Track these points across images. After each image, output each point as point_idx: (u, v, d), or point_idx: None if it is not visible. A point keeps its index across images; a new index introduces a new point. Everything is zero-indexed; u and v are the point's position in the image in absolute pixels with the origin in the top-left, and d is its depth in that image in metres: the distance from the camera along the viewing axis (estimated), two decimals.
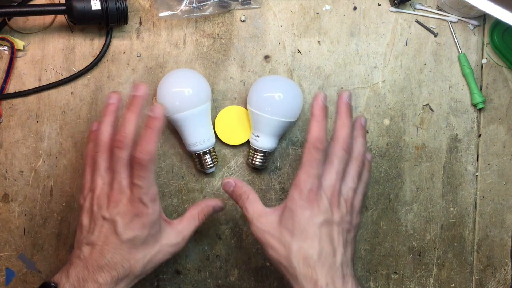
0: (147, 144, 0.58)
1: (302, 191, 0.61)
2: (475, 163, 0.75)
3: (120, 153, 0.59)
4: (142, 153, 0.58)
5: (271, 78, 0.72)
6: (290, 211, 0.61)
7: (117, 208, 0.59)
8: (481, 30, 0.75)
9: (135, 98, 0.60)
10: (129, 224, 0.59)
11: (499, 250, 0.76)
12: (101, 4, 0.67)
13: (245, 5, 0.73)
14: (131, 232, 0.59)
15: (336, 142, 0.63)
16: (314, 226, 0.60)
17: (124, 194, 0.60)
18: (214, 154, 0.72)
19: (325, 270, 0.59)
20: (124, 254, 0.59)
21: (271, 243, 0.61)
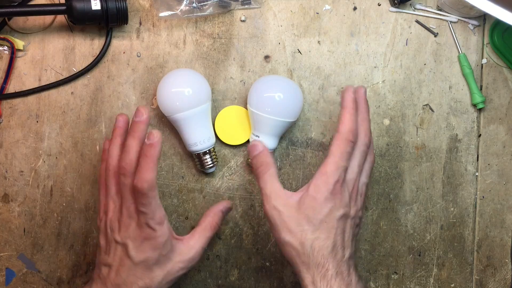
0: (145, 172, 0.58)
1: (329, 181, 0.60)
2: (475, 163, 0.75)
3: (125, 180, 0.60)
4: (140, 182, 0.58)
5: (271, 78, 0.72)
6: (313, 200, 0.60)
7: (127, 232, 0.61)
8: (481, 30, 0.75)
9: (136, 124, 0.61)
10: (139, 247, 0.60)
11: (499, 250, 0.76)
12: (101, 4, 0.67)
13: (245, 5, 0.73)
14: (142, 255, 0.60)
15: (359, 136, 0.63)
16: (334, 219, 0.60)
17: (133, 219, 0.61)
18: (214, 154, 0.72)
19: (336, 261, 0.60)
20: (138, 274, 0.61)
21: (287, 226, 0.60)
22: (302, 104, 0.71)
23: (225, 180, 0.74)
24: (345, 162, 0.61)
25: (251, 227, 0.75)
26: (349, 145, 0.61)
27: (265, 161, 0.63)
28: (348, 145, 0.61)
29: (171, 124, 0.71)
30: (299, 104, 0.70)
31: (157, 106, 0.72)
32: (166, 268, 0.62)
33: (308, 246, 0.60)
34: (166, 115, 0.70)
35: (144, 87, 0.73)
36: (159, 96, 0.69)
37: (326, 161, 0.61)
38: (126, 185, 0.60)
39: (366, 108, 0.65)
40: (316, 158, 0.74)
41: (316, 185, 0.61)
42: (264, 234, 0.75)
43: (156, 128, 0.73)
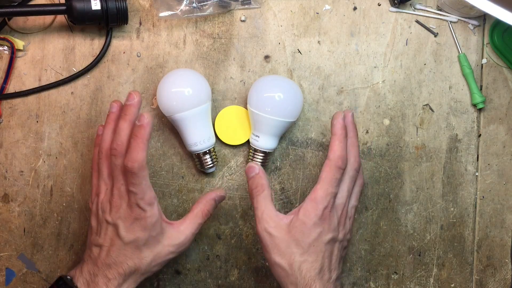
0: (135, 153, 0.60)
1: (318, 207, 0.63)
2: (475, 163, 0.75)
3: (116, 161, 0.62)
4: (131, 161, 0.60)
5: (271, 78, 0.72)
6: (303, 224, 0.63)
7: (118, 213, 0.62)
8: (481, 30, 0.75)
9: (128, 107, 0.62)
10: (129, 227, 0.62)
11: (499, 250, 0.76)
12: (101, 4, 0.67)
13: (245, 5, 0.73)
14: (132, 235, 0.62)
15: (348, 161, 0.65)
16: (322, 243, 0.63)
17: (123, 199, 0.62)
18: (214, 154, 0.72)
19: (322, 283, 0.62)
20: (128, 254, 0.62)
21: (277, 248, 0.63)
22: (302, 104, 0.71)
23: (225, 180, 0.74)
24: (334, 189, 0.63)
25: (251, 227, 0.75)
26: (339, 172, 0.63)
27: (260, 183, 0.65)
28: (338, 171, 0.63)
29: (171, 124, 0.71)
30: (299, 104, 0.70)
31: (157, 106, 0.72)
32: (155, 250, 0.63)
33: (296, 268, 0.62)
34: (166, 115, 0.70)
35: (144, 87, 0.73)
36: (159, 96, 0.69)
37: (316, 187, 0.63)
38: (117, 166, 0.62)
39: (355, 133, 0.67)
40: (316, 158, 0.74)
41: (306, 210, 0.63)
42: None
43: (156, 128, 0.73)
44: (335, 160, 0.63)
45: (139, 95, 0.62)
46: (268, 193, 0.65)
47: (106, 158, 0.64)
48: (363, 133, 0.74)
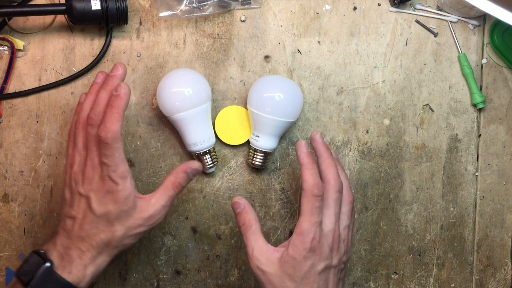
0: (110, 123, 0.59)
1: (306, 240, 0.62)
2: (475, 163, 0.75)
3: (91, 131, 0.61)
4: (104, 131, 0.59)
5: (271, 78, 0.72)
6: (292, 259, 0.62)
7: (91, 185, 0.61)
8: (481, 30, 0.75)
9: (110, 78, 0.62)
10: (101, 200, 0.61)
11: (499, 250, 0.76)
12: (101, 4, 0.67)
13: (245, 5, 0.73)
14: (104, 208, 0.61)
15: (329, 184, 0.64)
16: (315, 274, 0.62)
17: (96, 171, 0.61)
18: (214, 154, 0.72)
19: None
20: (100, 227, 0.62)
21: (271, 285, 0.63)
22: (302, 104, 0.71)
23: (225, 180, 0.74)
24: (317, 217, 0.62)
25: None
26: (317, 200, 0.62)
27: (247, 219, 0.65)
28: (316, 200, 0.62)
29: (171, 124, 0.71)
30: (299, 104, 0.70)
31: (157, 106, 0.72)
32: (126, 224, 0.62)
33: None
34: (166, 115, 0.70)
35: (144, 87, 0.73)
36: (159, 96, 0.69)
37: (300, 220, 0.62)
38: (92, 135, 0.61)
39: (328, 153, 0.65)
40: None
41: (294, 245, 0.62)
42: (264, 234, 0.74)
43: (156, 128, 0.73)
44: (310, 190, 0.62)
45: (124, 68, 0.62)
46: (256, 227, 0.65)
47: (82, 128, 0.63)
48: (363, 133, 0.74)
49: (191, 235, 0.74)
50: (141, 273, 0.74)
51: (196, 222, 0.74)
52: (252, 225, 0.65)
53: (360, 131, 0.74)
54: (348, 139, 0.74)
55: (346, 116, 0.74)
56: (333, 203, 0.64)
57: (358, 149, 0.74)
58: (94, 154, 0.61)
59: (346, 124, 0.74)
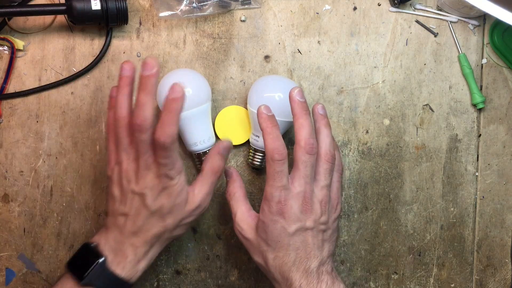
0: (168, 128, 0.58)
1: (271, 204, 0.62)
2: (475, 163, 0.75)
3: (141, 136, 0.59)
4: (164, 137, 0.58)
5: (271, 78, 0.72)
6: (263, 224, 0.63)
7: (145, 183, 0.61)
8: (481, 30, 0.75)
9: (147, 78, 0.58)
10: (157, 197, 0.61)
11: (499, 250, 0.76)
12: (101, 4, 0.67)
13: (245, 5, 0.73)
14: (158, 204, 0.62)
15: (298, 146, 0.63)
16: (287, 236, 0.63)
17: (150, 170, 0.61)
18: None
19: (299, 273, 0.62)
20: (153, 222, 0.62)
21: (251, 250, 0.65)
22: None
23: (225, 180, 0.74)
24: (279, 181, 0.62)
25: None
26: (278, 164, 0.62)
27: (231, 186, 0.67)
28: (276, 164, 0.62)
29: None
30: None
31: (157, 106, 0.72)
32: (178, 216, 0.63)
33: (271, 265, 0.63)
34: None
35: None
36: (159, 96, 0.69)
37: (265, 186, 0.63)
38: (143, 140, 0.59)
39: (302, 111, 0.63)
40: None
41: (262, 209, 0.64)
42: None
43: None
44: (270, 155, 0.62)
45: (157, 64, 0.58)
46: (240, 194, 0.66)
47: (125, 128, 0.61)
48: (363, 133, 0.74)
49: (191, 235, 0.74)
50: None
51: (196, 222, 0.74)
52: (236, 192, 0.67)
53: (360, 131, 0.74)
54: (348, 139, 0.74)
55: (346, 116, 0.74)
56: (302, 165, 0.63)
57: (358, 149, 0.74)
58: (148, 155, 0.60)
59: (346, 124, 0.74)
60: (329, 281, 0.62)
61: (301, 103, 0.64)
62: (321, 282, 0.62)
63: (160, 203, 0.61)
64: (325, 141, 0.65)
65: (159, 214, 0.62)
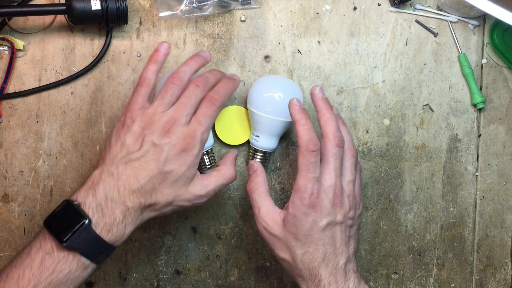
0: (224, 91, 0.63)
1: (303, 196, 0.61)
2: (475, 163, 0.75)
3: (197, 91, 0.62)
4: (218, 95, 0.62)
5: (271, 78, 0.72)
6: (293, 217, 0.62)
7: (169, 138, 0.60)
8: (481, 30, 0.75)
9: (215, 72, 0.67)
10: (174, 157, 0.60)
11: (499, 250, 0.76)
12: (101, 4, 0.67)
13: (245, 5, 0.73)
14: (171, 165, 0.60)
15: (327, 139, 0.63)
16: (318, 231, 0.61)
17: (181, 128, 0.61)
18: (212, 155, 0.72)
19: (328, 270, 0.61)
20: (155, 184, 0.60)
21: (277, 246, 0.63)
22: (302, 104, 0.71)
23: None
24: (314, 173, 0.62)
25: (251, 227, 0.75)
26: (312, 155, 0.61)
27: (255, 181, 0.66)
28: (311, 155, 0.61)
29: None
30: None
31: None
32: (178, 192, 0.61)
33: (299, 261, 0.62)
34: None
35: None
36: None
37: (297, 177, 0.62)
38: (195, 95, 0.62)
39: (327, 107, 0.64)
40: None
41: (293, 202, 0.62)
42: None
43: None
44: (305, 145, 0.61)
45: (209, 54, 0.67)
46: (264, 189, 0.65)
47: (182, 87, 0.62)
48: (363, 133, 0.74)
49: (191, 235, 0.74)
50: (141, 273, 0.74)
51: (196, 222, 0.74)
52: (259, 187, 0.66)
53: (360, 131, 0.74)
54: None
55: (346, 116, 0.74)
56: (332, 158, 0.63)
57: (358, 149, 0.74)
58: (187, 112, 0.61)
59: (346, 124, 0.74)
60: (356, 281, 0.62)
61: (324, 99, 0.65)
62: (348, 281, 0.61)
63: (172, 166, 0.60)
64: (347, 137, 0.65)
65: (165, 178, 0.60)
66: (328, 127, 0.63)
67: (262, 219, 0.64)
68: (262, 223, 0.64)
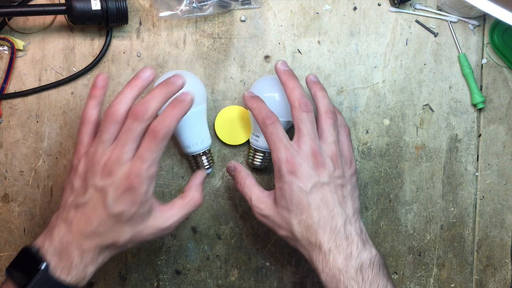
0: (169, 120, 0.57)
1: (280, 166, 0.62)
2: (475, 163, 0.75)
3: (135, 125, 0.57)
4: (161, 125, 0.57)
5: (271, 78, 0.72)
6: (280, 190, 0.62)
7: (112, 179, 0.57)
8: (481, 30, 0.75)
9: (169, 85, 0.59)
10: (119, 198, 0.57)
11: (499, 250, 0.76)
12: (101, 4, 0.67)
13: (245, 5, 0.73)
14: (119, 207, 0.57)
15: (293, 107, 0.63)
16: (305, 195, 0.61)
17: (122, 167, 0.57)
18: (210, 155, 0.72)
19: (326, 235, 0.60)
20: (108, 226, 0.58)
21: (275, 225, 0.64)
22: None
23: (225, 180, 0.74)
24: (281, 142, 0.62)
25: (251, 227, 0.75)
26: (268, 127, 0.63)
27: (239, 177, 0.67)
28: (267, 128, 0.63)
29: None
30: None
31: None
32: (137, 228, 0.59)
33: (297, 232, 0.62)
34: None
35: None
36: None
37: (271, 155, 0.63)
38: (134, 130, 0.57)
39: (289, 77, 0.65)
40: None
41: (275, 177, 0.63)
42: (264, 234, 0.75)
43: None
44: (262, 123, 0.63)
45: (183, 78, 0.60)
46: (250, 181, 0.66)
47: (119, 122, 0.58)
48: (363, 133, 0.74)
49: (191, 235, 0.74)
50: (141, 273, 0.74)
51: (196, 222, 0.74)
52: (245, 180, 0.66)
53: (360, 131, 0.74)
54: None
55: (346, 116, 0.74)
56: (301, 124, 0.63)
57: (358, 149, 0.75)
58: (128, 149, 0.57)
59: None
60: (360, 244, 0.60)
61: (286, 71, 0.65)
62: (351, 245, 0.60)
63: (122, 207, 0.57)
64: (322, 102, 0.65)
65: (117, 219, 0.58)
66: (292, 95, 0.64)
67: (255, 205, 0.65)
68: (256, 209, 0.65)
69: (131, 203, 0.57)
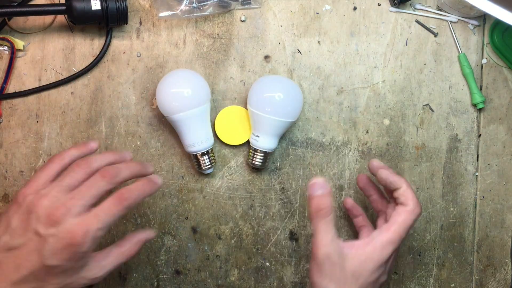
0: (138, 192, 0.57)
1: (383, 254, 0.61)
2: (475, 163, 0.75)
3: (102, 183, 0.56)
4: (130, 194, 0.56)
5: (271, 78, 0.72)
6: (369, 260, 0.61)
7: (56, 229, 0.54)
8: (481, 30, 0.75)
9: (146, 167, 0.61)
10: (58, 251, 0.54)
11: (499, 250, 0.76)
12: (101, 4, 0.67)
13: (245, 5, 0.73)
14: (55, 261, 0.54)
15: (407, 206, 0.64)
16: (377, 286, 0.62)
17: (71, 220, 0.54)
18: (212, 155, 0.72)
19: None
20: (39, 276, 0.54)
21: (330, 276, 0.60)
22: (302, 104, 0.71)
23: (225, 180, 0.74)
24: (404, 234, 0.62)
25: (251, 227, 0.75)
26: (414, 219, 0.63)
27: (326, 205, 0.60)
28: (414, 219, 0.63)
29: (171, 124, 0.71)
30: (299, 104, 0.70)
31: (157, 106, 0.72)
32: (67, 280, 0.56)
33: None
34: (165, 115, 0.70)
35: (144, 87, 0.73)
36: (159, 96, 0.69)
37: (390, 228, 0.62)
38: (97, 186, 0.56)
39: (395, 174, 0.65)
40: (316, 158, 0.74)
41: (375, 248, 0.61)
42: (264, 234, 0.75)
43: (156, 128, 0.73)
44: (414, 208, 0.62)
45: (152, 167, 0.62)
46: (333, 217, 0.61)
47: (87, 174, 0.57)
48: (363, 133, 0.74)
49: (191, 235, 0.74)
50: (141, 273, 0.74)
51: (196, 222, 0.74)
52: (330, 214, 0.60)
53: (360, 131, 0.74)
54: (348, 139, 0.74)
55: (346, 116, 0.74)
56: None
57: (358, 149, 0.75)
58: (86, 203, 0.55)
59: (346, 124, 0.74)
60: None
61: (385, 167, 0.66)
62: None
63: (56, 261, 0.53)
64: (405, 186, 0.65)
65: (49, 271, 0.54)
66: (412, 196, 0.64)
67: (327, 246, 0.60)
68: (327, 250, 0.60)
69: (69, 258, 0.54)
